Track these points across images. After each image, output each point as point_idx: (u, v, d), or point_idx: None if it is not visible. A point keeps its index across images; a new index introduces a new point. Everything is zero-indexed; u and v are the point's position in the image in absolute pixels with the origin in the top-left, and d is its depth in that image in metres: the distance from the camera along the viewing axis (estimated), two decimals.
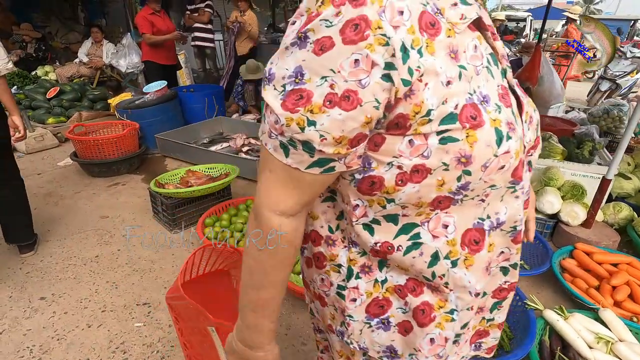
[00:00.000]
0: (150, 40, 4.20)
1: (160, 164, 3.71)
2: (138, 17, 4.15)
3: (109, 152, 3.24)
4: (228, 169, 2.85)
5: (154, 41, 4.22)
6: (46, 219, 2.63)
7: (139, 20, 4.14)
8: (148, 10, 4.16)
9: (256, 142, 4.06)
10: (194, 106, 4.33)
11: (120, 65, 6.09)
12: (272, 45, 5.46)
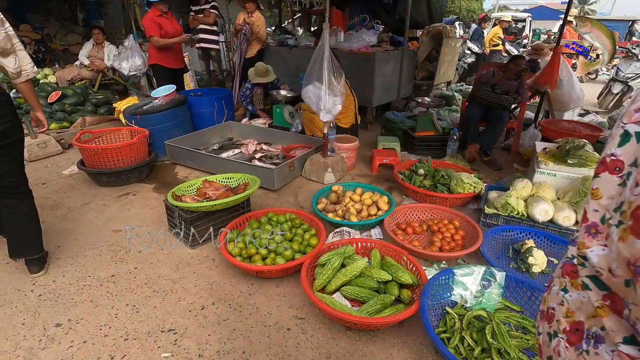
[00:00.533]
0: (158, 44, 4.05)
1: (170, 171, 3.57)
2: (145, 19, 4.00)
3: (118, 161, 3.09)
4: (247, 178, 2.71)
5: (163, 44, 4.07)
6: (55, 234, 2.47)
7: (147, 22, 3.99)
8: (155, 12, 4.01)
9: (268, 149, 3.93)
10: (202, 111, 4.18)
11: (123, 67, 5.93)
12: (280, 48, 5.32)
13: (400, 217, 2.59)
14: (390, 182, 3.33)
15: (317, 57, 2.87)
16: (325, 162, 3.19)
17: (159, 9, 4.00)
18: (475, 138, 3.78)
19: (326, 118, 2.89)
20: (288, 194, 3.10)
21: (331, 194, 2.80)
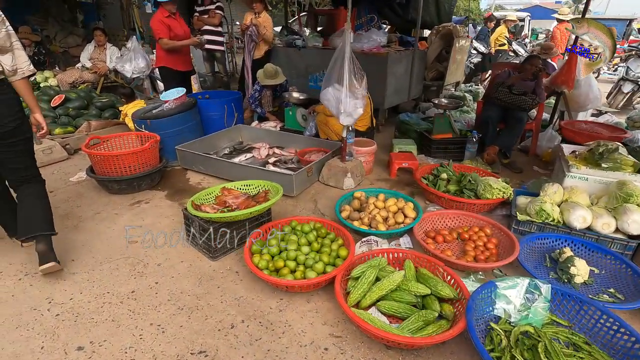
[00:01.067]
0: (167, 46, 3.94)
1: (181, 177, 3.45)
2: (154, 21, 3.88)
3: (129, 168, 2.97)
4: (266, 186, 2.61)
5: (172, 47, 3.96)
6: (68, 247, 2.35)
7: (155, 24, 3.86)
8: (164, 12, 3.89)
9: (281, 153, 3.82)
10: (212, 114, 4.07)
11: (126, 70, 5.81)
12: (288, 49, 5.21)
13: (428, 225, 2.50)
14: (410, 186, 3.23)
15: (338, 59, 2.77)
16: (344, 167, 3.08)
17: (167, 10, 3.88)
18: (494, 140, 3.69)
19: (347, 122, 2.79)
20: (307, 200, 3.00)
21: (354, 201, 2.70)
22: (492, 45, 7.70)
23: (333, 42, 5.03)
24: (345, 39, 2.69)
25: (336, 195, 3.04)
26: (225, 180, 3.31)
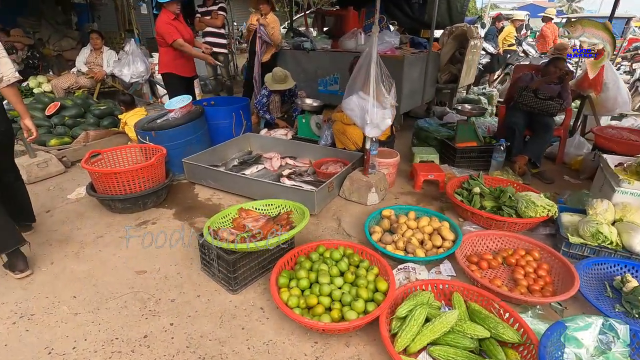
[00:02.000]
0: (183, 48, 3.69)
1: (189, 192, 3.19)
2: (161, 23, 3.60)
3: (134, 185, 2.71)
4: (289, 206, 2.36)
5: (188, 52, 3.73)
6: (69, 279, 2.10)
7: (164, 27, 3.59)
8: (169, 15, 3.63)
9: (295, 163, 3.58)
10: (219, 123, 3.81)
11: (124, 74, 5.54)
12: (296, 51, 4.95)
13: (468, 248, 2.27)
14: (438, 200, 3.00)
15: (364, 65, 2.53)
16: (368, 181, 2.85)
17: (171, 11, 3.61)
18: (522, 148, 3.48)
19: (373, 133, 2.56)
20: (328, 218, 2.76)
21: (383, 221, 2.46)
22: (500, 46, 7.50)
23: (344, 44, 4.80)
24: (372, 43, 2.45)
25: (360, 212, 2.80)
26: (237, 196, 3.06)
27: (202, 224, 2.69)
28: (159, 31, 3.61)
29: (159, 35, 3.63)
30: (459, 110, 3.63)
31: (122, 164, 3.12)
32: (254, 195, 2.96)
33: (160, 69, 3.84)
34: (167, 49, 3.70)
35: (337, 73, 4.65)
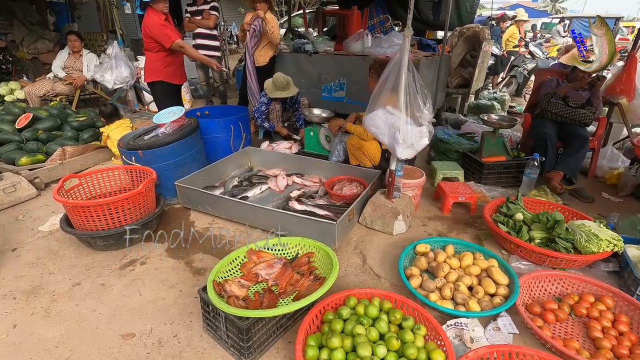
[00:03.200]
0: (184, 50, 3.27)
1: (184, 220, 2.76)
2: (155, 26, 3.13)
3: (119, 218, 2.27)
4: (308, 245, 1.96)
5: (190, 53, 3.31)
6: (35, 350, 1.65)
7: (159, 28, 3.13)
8: (160, 15, 3.18)
9: (303, 182, 3.17)
10: (216, 136, 3.38)
11: (106, 80, 5.04)
12: (296, 54, 4.54)
13: (525, 293, 1.89)
14: (471, 226, 2.63)
15: (391, 74, 2.14)
16: (394, 207, 2.46)
17: (159, 10, 3.15)
18: (555, 163, 3.14)
19: (406, 155, 2.17)
20: (350, 252, 2.36)
21: (419, 259, 2.08)
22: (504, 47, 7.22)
23: (349, 46, 4.42)
24: (403, 48, 2.06)
25: (386, 244, 2.41)
26: (240, 224, 2.64)
27: (201, 262, 2.27)
28: (152, 33, 3.15)
29: (151, 38, 3.18)
30: (485, 121, 3.28)
31: (103, 190, 2.67)
32: (259, 225, 2.55)
33: (148, 77, 3.37)
34: (156, 55, 3.24)
35: (342, 78, 4.26)
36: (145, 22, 3.13)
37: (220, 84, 5.48)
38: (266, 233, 2.54)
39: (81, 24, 8.82)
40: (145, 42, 3.20)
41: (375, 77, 3.08)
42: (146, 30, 3.13)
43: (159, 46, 3.19)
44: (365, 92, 3.52)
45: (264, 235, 2.53)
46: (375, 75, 3.07)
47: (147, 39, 3.17)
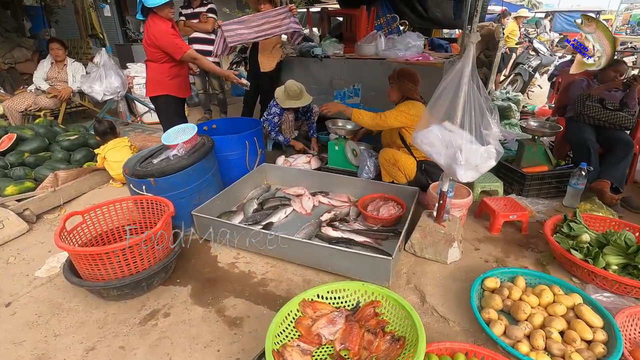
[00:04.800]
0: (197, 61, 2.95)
1: (204, 255, 2.42)
2: (163, 34, 2.73)
3: (136, 263, 1.92)
4: (371, 292, 1.67)
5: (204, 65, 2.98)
6: None
7: (169, 38, 2.75)
8: (166, 23, 2.81)
9: (330, 202, 2.88)
10: (229, 154, 3.04)
11: (95, 91, 4.63)
12: (304, 59, 4.23)
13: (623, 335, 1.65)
14: (527, 248, 2.39)
15: (450, 85, 1.87)
16: (448, 234, 2.19)
17: (164, 16, 2.78)
18: (599, 171, 2.94)
19: (468, 178, 1.90)
20: (403, 287, 2.08)
21: (493, 298, 1.81)
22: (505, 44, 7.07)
23: (361, 49, 4.13)
24: (467, 55, 1.79)
25: (441, 275, 2.14)
26: (270, 258, 2.33)
27: (235, 310, 1.95)
28: (161, 43, 2.77)
29: (157, 48, 2.81)
30: (524, 128, 3.05)
31: (110, 225, 2.31)
32: (295, 259, 2.25)
33: (151, 91, 2.98)
34: (161, 66, 2.88)
35: (357, 84, 3.98)
36: (150, 31, 2.75)
37: (220, 91, 5.11)
38: (303, 268, 2.24)
39: (58, 28, 8.24)
40: (149, 52, 2.82)
41: (396, 88, 2.82)
42: (152, 39, 2.76)
43: (165, 57, 2.83)
44: (382, 98, 3.27)
45: (301, 270, 2.23)
46: (395, 86, 2.81)
47: (152, 48, 2.80)
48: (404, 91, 2.79)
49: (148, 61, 2.88)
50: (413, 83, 2.78)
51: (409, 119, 2.68)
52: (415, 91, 2.78)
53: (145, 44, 2.81)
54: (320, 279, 2.17)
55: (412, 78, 2.79)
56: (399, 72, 2.82)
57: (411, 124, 2.68)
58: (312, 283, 2.14)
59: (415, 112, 2.67)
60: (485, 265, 2.22)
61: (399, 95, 2.83)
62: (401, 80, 2.78)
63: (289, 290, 2.10)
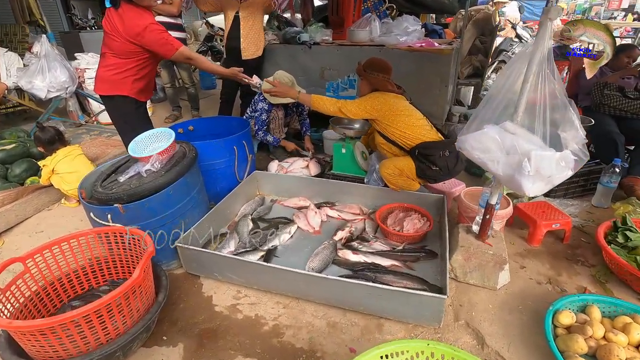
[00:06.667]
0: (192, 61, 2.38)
1: (195, 296, 1.91)
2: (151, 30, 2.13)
3: (107, 330, 1.39)
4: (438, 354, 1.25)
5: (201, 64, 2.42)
6: None
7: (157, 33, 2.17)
8: (149, 14, 2.24)
9: (340, 216, 2.46)
10: (214, 163, 2.50)
11: (37, 87, 3.87)
12: (290, 47, 3.70)
13: None
14: (574, 262, 2.08)
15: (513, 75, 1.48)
16: (498, 255, 1.83)
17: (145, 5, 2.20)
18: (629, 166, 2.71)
19: (536, 191, 1.52)
20: (451, 325, 1.69)
21: (575, 341, 1.46)
22: None
23: (354, 35, 3.67)
24: (541, 36, 1.39)
25: (493, 306, 1.78)
26: (279, 295, 1.87)
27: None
28: (148, 39, 2.16)
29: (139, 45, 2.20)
30: None
31: (66, 269, 1.73)
32: (314, 297, 1.80)
33: (104, 89, 2.30)
34: (127, 62, 2.26)
35: (352, 74, 3.52)
36: (128, 24, 2.12)
37: (190, 85, 4.47)
38: (324, 306, 1.80)
39: None
40: (117, 45, 2.17)
41: (365, 82, 2.43)
42: (131, 34, 2.14)
43: (140, 54, 2.24)
44: None
45: (322, 309, 1.79)
46: (364, 80, 2.43)
47: (123, 42, 2.16)
48: (375, 84, 2.40)
49: (111, 54, 2.25)
50: (385, 73, 2.39)
51: (375, 108, 2.30)
52: (388, 82, 2.38)
53: (116, 36, 2.18)
54: (348, 320, 1.74)
55: (382, 68, 2.39)
56: (367, 63, 2.43)
57: (379, 116, 2.32)
58: (339, 327, 1.71)
59: (384, 100, 2.30)
60: (539, 289, 1.89)
61: (370, 89, 2.44)
62: (370, 73, 2.38)
63: (311, 340, 1.65)
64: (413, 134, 2.31)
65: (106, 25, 2.25)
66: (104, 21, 2.28)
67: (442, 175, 2.32)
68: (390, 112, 2.31)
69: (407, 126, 2.32)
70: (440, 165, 2.25)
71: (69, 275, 1.75)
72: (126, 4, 2.19)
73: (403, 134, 2.32)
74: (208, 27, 7.57)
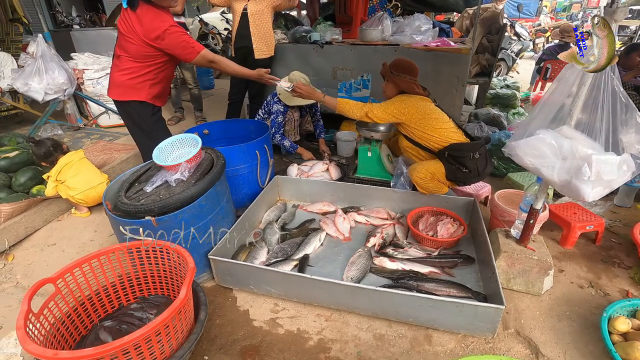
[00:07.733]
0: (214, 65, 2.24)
1: (230, 312, 1.82)
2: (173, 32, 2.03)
3: (154, 355, 1.30)
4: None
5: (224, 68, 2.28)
6: None
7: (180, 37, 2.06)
8: (168, 15, 2.12)
9: (369, 221, 2.41)
10: (236, 169, 2.41)
11: (33, 89, 3.70)
12: (301, 46, 3.60)
13: None
14: (611, 264, 2.08)
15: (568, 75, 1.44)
16: (543, 260, 1.80)
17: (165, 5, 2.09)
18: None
19: (594, 196, 1.49)
20: (502, 333, 1.65)
21: (635, 348, 1.44)
22: None
23: (365, 34, 3.60)
24: None
25: (541, 312, 1.75)
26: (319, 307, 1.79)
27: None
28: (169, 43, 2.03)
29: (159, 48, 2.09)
30: None
31: (96, 287, 1.62)
32: (358, 309, 1.74)
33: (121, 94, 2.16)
34: (145, 66, 2.14)
35: (367, 74, 3.46)
36: (148, 26, 2.00)
37: (194, 85, 4.33)
38: (371, 319, 1.74)
39: None
40: (135, 47, 2.05)
41: (392, 84, 2.37)
42: (151, 36, 2.02)
43: (160, 57, 2.13)
44: None
45: (367, 321, 1.73)
46: (390, 82, 2.37)
47: (141, 45, 2.04)
48: (402, 86, 2.33)
49: (127, 57, 2.12)
50: (411, 75, 2.33)
51: (402, 112, 2.24)
52: (415, 84, 2.33)
53: (133, 38, 2.05)
54: (395, 332, 1.69)
55: (409, 69, 2.33)
56: (393, 64, 2.36)
57: (406, 120, 2.27)
58: (387, 340, 1.65)
59: (411, 104, 2.25)
60: (582, 293, 1.87)
61: (396, 91, 2.38)
62: (397, 75, 2.32)
63: (360, 354, 1.59)
64: (440, 136, 2.27)
65: (122, 26, 2.12)
66: (119, 21, 2.16)
67: (472, 177, 2.28)
68: (419, 115, 2.26)
69: (434, 129, 2.27)
70: (470, 167, 2.21)
71: (99, 294, 1.64)
72: (145, 4, 2.06)
73: (431, 137, 2.28)
74: (202, 25, 7.38)
